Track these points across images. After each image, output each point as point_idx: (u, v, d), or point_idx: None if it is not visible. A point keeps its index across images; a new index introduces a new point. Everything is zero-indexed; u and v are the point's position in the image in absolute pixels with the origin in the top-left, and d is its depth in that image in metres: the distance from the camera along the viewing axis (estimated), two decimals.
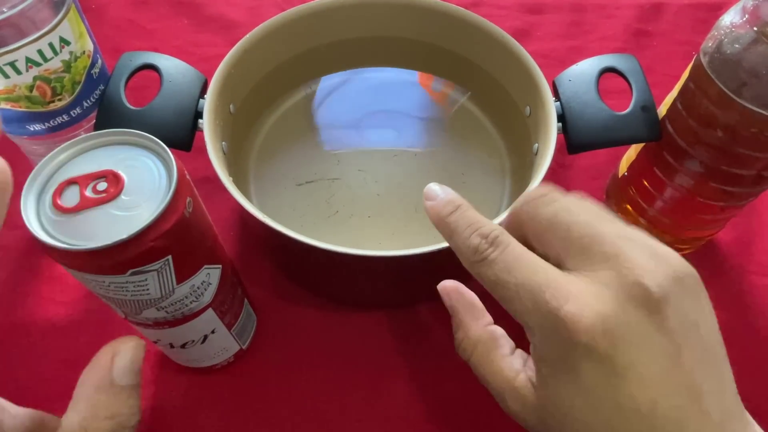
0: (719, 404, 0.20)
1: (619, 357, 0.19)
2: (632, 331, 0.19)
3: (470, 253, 0.22)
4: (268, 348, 0.36)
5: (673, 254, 0.21)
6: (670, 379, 0.19)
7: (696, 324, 0.20)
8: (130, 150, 0.24)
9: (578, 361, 0.19)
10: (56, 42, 0.33)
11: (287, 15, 0.41)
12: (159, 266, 0.23)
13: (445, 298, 0.26)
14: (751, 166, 0.32)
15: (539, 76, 0.37)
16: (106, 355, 0.21)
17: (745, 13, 0.29)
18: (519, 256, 0.21)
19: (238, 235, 0.41)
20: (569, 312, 0.19)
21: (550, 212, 0.22)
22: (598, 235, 0.20)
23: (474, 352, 0.24)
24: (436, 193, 0.24)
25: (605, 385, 0.19)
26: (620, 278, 0.19)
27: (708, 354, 0.20)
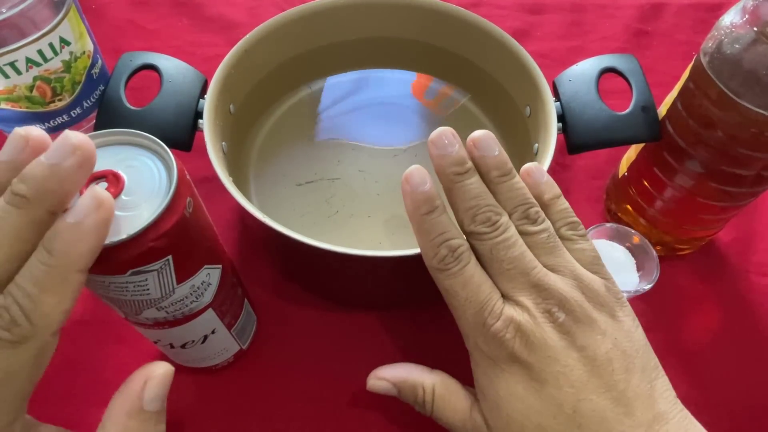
0: (647, 408, 0.23)
1: (538, 364, 0.23)
2: (548, 345, 0.23)
3: (435, 260, 0.25)
4: (268, 348, 0.36)
5: (592, 280, 0.25)
6: (589, 386, 0.23)
7: (613, 340, 0.24)
8: (130, 150, 0.24)
9: (505, 366, 0.24)
10: (56, 42, 0.33)
11: (287, 15, 0.41)
12: (159, 266, 0.23)
13: (384, 385, 0.29)
14: (751, 167, 0.32)
15: (539, 76, 0.37)
16: (138, 381, 0.22)
17: (745, 13, 0.29)
18: (472, 274, 0.24)
19: (238, 235, 0.41)
20: (497, 327, 0.23)
21: (486, 248, 0.24)
22: (523, 267, 0.24)
23: (434, 398, 0.27)
24: (416, 183, 0.25)
25: (529, 389, 0.23)
26: (536, 305, 0.24)
27: (631, 365, 0.23)
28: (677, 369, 0.36)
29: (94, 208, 0.19)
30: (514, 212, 0.25)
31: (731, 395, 0.36)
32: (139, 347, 0.36)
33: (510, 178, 0.26)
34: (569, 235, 0.26)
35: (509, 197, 0.26)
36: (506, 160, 0.26)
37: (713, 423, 0.24)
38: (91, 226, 0.19)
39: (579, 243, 0.26)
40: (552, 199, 0.27)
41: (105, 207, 0.19)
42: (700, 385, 0.36)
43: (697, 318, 0.39)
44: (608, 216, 0.44)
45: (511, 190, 0.26)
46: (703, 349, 0.38)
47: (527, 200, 0.26)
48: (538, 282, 0.24)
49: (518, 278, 0.24)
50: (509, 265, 0.24)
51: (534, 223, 0.25)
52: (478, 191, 0.25)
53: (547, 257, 0.25)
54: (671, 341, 0.38)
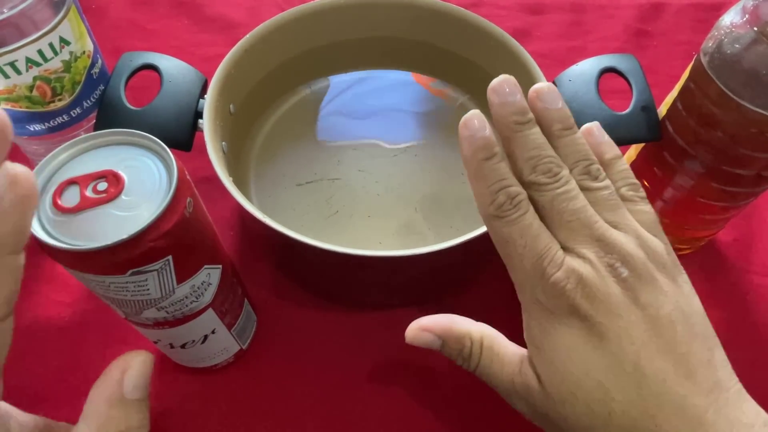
0: (708, 375, 0.22)
1: (599, 318, 0.22)
2: (611, 300, 0.22)
3: (492, 207, 0.23)
4: (268, 348, 0.36)
5: (654, 242, 0.24)
6: (651, 345, 0.22)
7: (676, 303, 0.23)
8: (130, 150, 0.24)
9: (565, 318, 0.23)
10: (56, 42, 0.33)
11: (287, 15, 0.41)
12: (159, 266, 0.23)
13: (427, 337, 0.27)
14: (751, 166, 0.32)
15: (539, 76, 0.37)
16: (117, 369, 0.22)
17: (745, 13, 0.29)
18: (531, 223, 0.23)
19: (238, 235, 0.41)
20: (558, 277, 0.22)
21: (547, 199, 0.24)
22: (585, 220, 0.23)
23: (482, 351, 0.26)
24: (475, 127, 0.24)
25: (588, 343, 0.22)
26: (599, 259, 0.23)
27: (693, 329, 0.23)
28: None
29: (9, 186, 0.17)
30: (575, 167, 0.25)
31: None
32: (139, 347, 0.35)
33: (572, 133, 0.25)
34: (630, 195, 0.25)
35: (571, 151, 0.25)
36: (569, 114, 0.25)
37: None
38: (9, 205, 0.17)
39: (640, 204, 0.25)
40: (613, 159, 0.26)
41: (20, 182, 0.17)
42: None
43: None
44: None
45: (574, 144, 0.25)
46: None
47: (589, 156, 0.25)
48: (601, 236, 0.23)
49: (580, 230, 0.23)
50: (571, 216, 0.23)
51: (596, 179, 0.24)
52: (539, 141, 0.24)
53: (609, 213, 0.24)
54: None
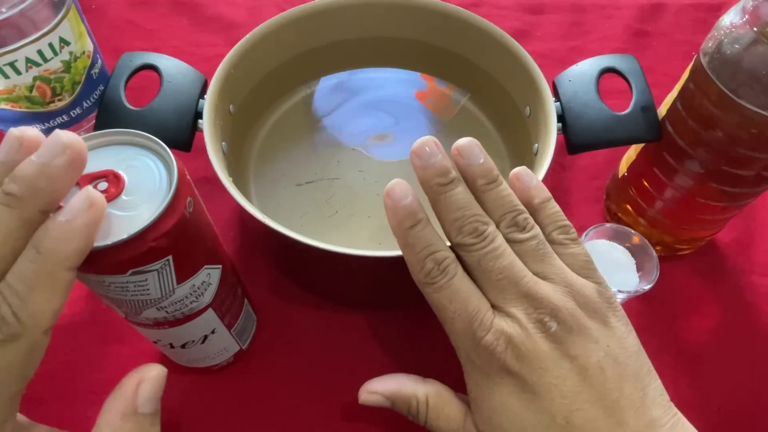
0: (640, 416, 0.23)
1: (530, 376, 0.23)
2: (540, 357, 0.23)
3: (422, 274, 0.24)
4: (268, 348, 0.36)
5: (584, 287, 0.24)
6: (582, 396, 0.22)
7: (607, 349, 0.23)
8: (131, 150, 0.24)
9: (497, 378, 0.23)
10: (56, 42, 0.33)
11: (287, 15, 0.41)
12: (159, 266, 0.23)
13: (376, 399, 0.28)
14: (751, 167, 0.32)
15: (539, 76, 0.37)
16: (131, 383, 0.22)
17: (745, 14, 0.29)
18: (459, 287, 0.24)
19: (238, 235, 0.41)
20: (488, 340, 0.23)
21: (474, 259, 0.24)
22: (513, 277, 0.24)
23: (428, 409, 0.27)
24: (398, 197, 0.24)
25: (522, 400, 0.23)
26: (528, 316, 0.23)
27: (624, 373, 0.23)
28: (676, 369, 0.36)
29: (86, 208, 0.19)
30: (502, 220, 0.25)
31: (731, 395, 0.36)
32: (139, 347, 0.36)
33: (497, 186, 0.25)
34: (560, 239, 0.26)
35: (497, 205, 0.25)
36: (492, 167, 0.25)
37: (712, 423, 0.24)
38: (81, 226, 0.19)
39: (570, 247, 0.26)
40: (542, 202, 0.26)
41: (96, 207, 0.19)
42: (699, 385, 0.36)
43: (696, 318, 0.39)
44: (608, 216, 0.44)
45: (499, 197, 0.25)
46: (703, 349, 0.38)
47: (515, 207, 0.25)
48: (529, 291, 0.23)
49: (508, 288, 0.24)
50: (498, 275, 0.24)
51: (523, 230, 0.25)
52: (463, 201, 0.24)
53: (538, 265, 0.24)
54: (671, 341, 0.38)
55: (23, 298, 0.18)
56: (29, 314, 0.18)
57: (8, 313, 0.18)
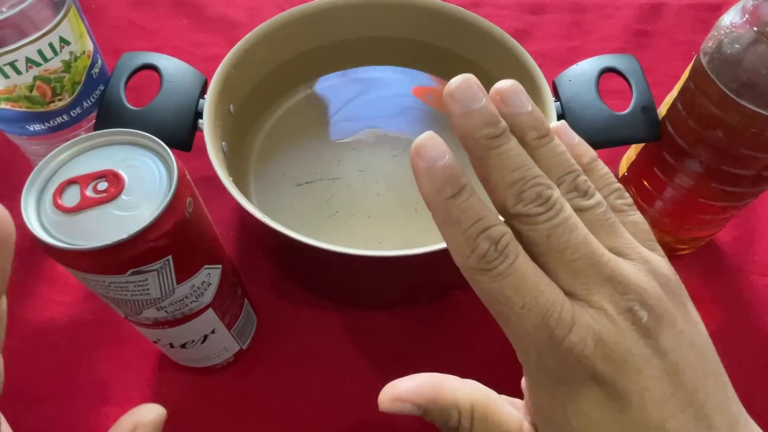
0: (724, 416, 0.20)
1: (623, 382, 0.18)
2: (632, 356, 0.18)
3: (473, 259, 0.18)
4: (268, 348, 0.36)
5: (660, 263, 0.20)
6: (674, 401, 0.19)
7: (691, 339, 0.20)
8: (131, 150, 0.24)
9: (581, 387, 0.19)
10: (56, 42, 0.33)
11: (287, 15, 0.41)
12: (159, 266, 0.23)
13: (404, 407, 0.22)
14: (751, 166, 0.32)
15: (539, 76, 0.37)
16: (128, 425, 0.20)
17: (745, 13, 0.29)
18: (526, 273, 0.19)
19: (238, 235, 0.41)
20: (572, 342, 0.18)
21: (542, 234, 0.19)
22: (591, 256, 0.19)
23: (473, 420, 0.21)
24: (431, 156, 0.18)
25: (607, 411, 0.19)
26: (615, 305, 0.19)
27: (707, 367, 0.20)
28: None
29: None
30: (560, 183, 0.20)
31: None
32: (139, 347, 0.36)
33: (550, 140, 0.20)
34: (620, 205, 0.21)
35: (554, 164, 0.20)
36: (543, 117, 0.21)
37: None
38: None
39: (630, 215, 0.21)
40: (591, 162, 0.22)
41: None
42: None
43: None
44: None
45: (554, 155, 0.20)
46: None
47: (573, 167, 0.20)
48: (612, 273, 0.19)
49: (587, 270, 0.19)
50: (574, 253, 0.19)
51: (586, 195, 0.20)
52: (521, 160, 0.19)
53: (609, 238, 0.20)
54: None
55: None
56: None
57: None
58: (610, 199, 0.21)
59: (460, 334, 0.37)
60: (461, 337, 0.37)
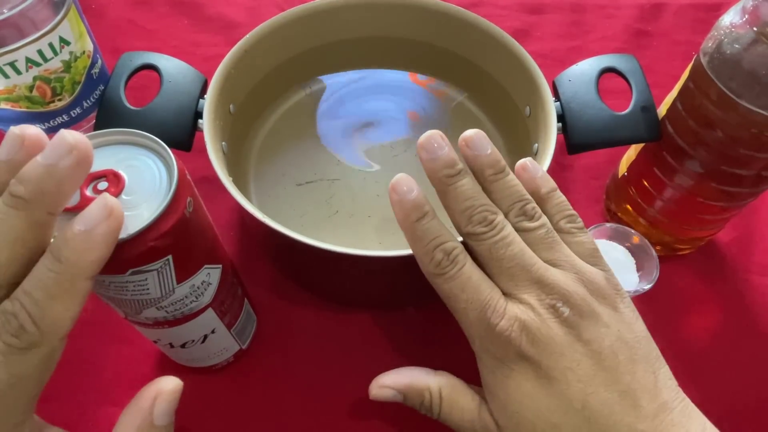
0: (652, 399, 0.23)
1: (546, 361, 0.23)
2: (555, 341, 0.23)
3: (431, 265, 0.24)
4: (268, 348, 0.36)
5: (593, 273, 0.25)
6: (597, 380, 0.23)
7: (617, 333, 0.24)
8: (131, 150, 0.24)
9: (513, 365, 0.24)
10: (56, 42, 0.33)
11: (287, 15, 0.41)
12: (159, 266, 0.23)
13: (388, 393, 0.28)
14: (751, 167, 0.32)
15: (539, 76, 0.37)
16: (148, 396, 0.22)
17: (744, 14, 0.29)
18: (470, 276, 0.24)
19: (238, 235, 0.41)
20: (502, 326, 0.23)
21: (485, 248, 0.24)
22: (524, 264, 0.24)
23: (441, 401, 0.26)
24: (403, 191, 0.25)
25: (538, 386, 0.23)
26: (540, 301, 0.24)
27: (636, 357, 0.24)
28: (676, 369, 0.36)
29: (105, 217, 0.19)
30: (510, 210, 0.25)
31: (731, 395, 0.36)
32: (139, 347, 0.36)
33: (504, 176, 0.26)
34: (568, 228, 0.26)
35: (505, 195, 0.26)
36: (499, 158, 0.26)
37: (712, 422, 0.24)
38: (101, 235, 0.19)
39: (577, 236, 0.26)
40: (548, 192, 0.27)
41: (115, 215, 0.19)
42: (699, 385, 0.36)
43: (697, 318, 0.39)
44: (608, 216, 0.44)
45: (506, 187, 0.26)
46: (703, 349, 0.38)
47: (523, 197, 0.26)
48: (540, 278, 0.24)
49: (520, 275, 0.24)
50: (509, 262, 0.24)
51: (531, 219, 0.25)
52: (471, 192, 0.25)
53: (547, 252, 0.25)
54: (671, 341, 0.38)
55: (43, 306, 0.18)
56: (49, 323, 0.19)
57: (28, 322, 0.18)
58: (561, 223, 0.26)
59: (459, 334, 0.37)
60: (461, 338, 0.37)
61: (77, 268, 0.18)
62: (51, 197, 0.19)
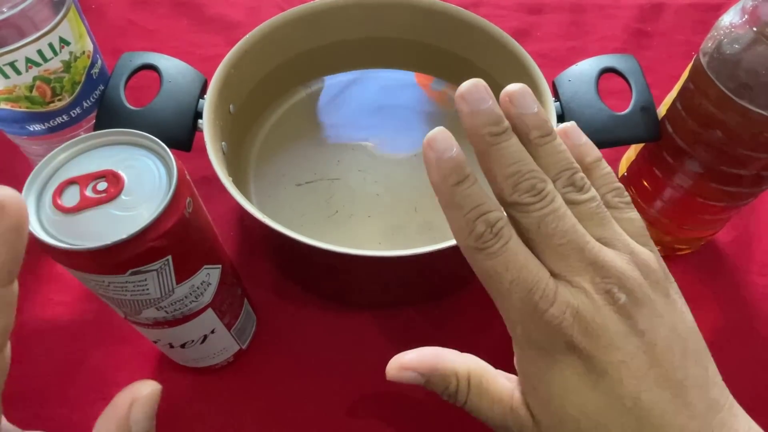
0: (703, 396, 0.21)
1: (599, 355, 0.21)
2: (609, 332, 0.21)
3: (471, 239, 0.21)
4: (268, 348, 0.36)
5: (646, 256, 0.22)
6: (651, 376, 0.21)
7: (671, 324, 0.22)
8: (130, 150, 0.24)
9: (559, 356, 0.21)
10: (56, 42, 0.33)
11: (287, 15, 0.41)
12: (159, 266, 0.23)
13: (409, 376, 0.25)
14: (750, 167, 0.32)
15: (539, 76, 0.37)
16: (125, 401, 0.21)
17: (744, 14, 0.29)
18: (517, 252, 0.21)
19: (238, 235, 0.41)
20: (553, 314, 0.21)
21: (533, 221, 0.22)
22: (577, 242, 0.21)
23: (470, 386, 0.24)
24: (441, 148, 0.21)
25: (587, 380, 0.21)
26: (595, 286, 0.21)
27: (688, 351, 0.22)
28: None
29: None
30: (558, 179, 0.22)
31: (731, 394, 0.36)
32: (139, 347, 0.36)
33: (552, 139, 0.23)
34: (616, 202, 0.24)
35: (552, 161, 0.22)
36: (546, 118, 0.23)
37: None
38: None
39: (626, 212, 0.23)
40: (594, 162, 0.24)
41: (8, 212, 0.15)
42: None
43: (696, 318, 0.39)
44: None
45: (554, 153, 0.23)
46: None
47: (572, 165, 0.23)
48: (595, 258, 0.21)
49: (572, 255, 0.21)
50: (561, 239, 0.21)
51: (581, 190, 0.22)
52: (519, 155, 0.22)
53: (598, 229, 0.22)
54: None
55: None
56: None
57: None
58: (608, 196, 0.23)
59: (460, 334, 0.37)
60: (462, 338, 0.37)
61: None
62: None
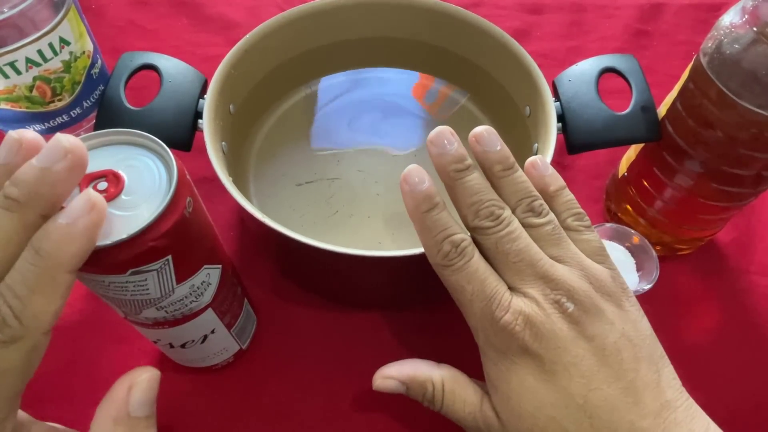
0: (656, 397, 0.23)
1: (549, 355, 0.23)
2: (558, 336, 0.23)
3: (439, 257, 0.25)
4: (268, 348, 0.36)
5: (597, 270, 0.25)
6: (600, 376, 0.23)
7: (622, 330, 0.24)
8: (130, 150, 0.24)
9: (516, 358, 0.24)
10: (56, 42, 0.33)
11: (287, 15, 0.41)
12: (159, 266, 0.23)
13: (391, 384, 0.28)
14: (750, 167, 0.32)
15: (539, 76, 0.37)
16: (123, 387, 0.22)
17: (744, 14, 0.29)
18: (477, 268, 0.24)
19: (238, 235, 0.41)
20: (507, 320, 0.23)
21: (491, 242, 0.25)
22: (530, 259, 0.24)
23: (444, 393, 0.27)
24: (414, 182, 0.25)
25: (540, 380, 0.23)
26: (545, 296, 0.24)
27: (640, 355, 0.24)
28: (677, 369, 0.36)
29: (87, 210, 0.19)
30: (518, 205, 0.26)
31: (731, 395, 0.36)
32: (139, 347, 0.36)
33: (513, 172, 0.26)
34: (575, 225, 0.26)
35: (513, 191, 0.26)
36: (508, 154, 0.26)
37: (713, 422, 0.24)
38: (82, 228, 0.19)
39: (584, 234, 0.26)
40: (557, 190, 0.27)
41: (97, 209, 0.19)
42: (699, 385, 0.35)
43: (696, 318, 0.39)
44: (608, 216, 0.44)
45: (515, 183, 0.26)
46: (703, 349, 0.38)
47: (531, 193, 0.26)
48: (546, 273, 0.24)
49: (525, 270, 0.24)
50: (515, 257, 0.24)
51: (539, 215, 0.26)
52: (479, 187, 0.25)
53: (553, 249, 0.25)
54: (671, 341, 0.37)
55: (24, 300, 0.18)
56: (30, 316, 0.19)
57: (9, 316, 0.18)
58: (569, 220, 0.27)
59: (460, 334, 0.37)
60: (461, 338, 0.37)
61: (57, 262, 0.18)
62: (44, 200, 0.19)
